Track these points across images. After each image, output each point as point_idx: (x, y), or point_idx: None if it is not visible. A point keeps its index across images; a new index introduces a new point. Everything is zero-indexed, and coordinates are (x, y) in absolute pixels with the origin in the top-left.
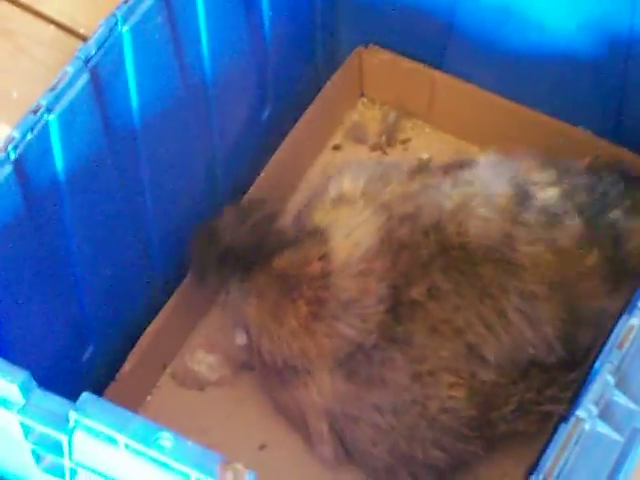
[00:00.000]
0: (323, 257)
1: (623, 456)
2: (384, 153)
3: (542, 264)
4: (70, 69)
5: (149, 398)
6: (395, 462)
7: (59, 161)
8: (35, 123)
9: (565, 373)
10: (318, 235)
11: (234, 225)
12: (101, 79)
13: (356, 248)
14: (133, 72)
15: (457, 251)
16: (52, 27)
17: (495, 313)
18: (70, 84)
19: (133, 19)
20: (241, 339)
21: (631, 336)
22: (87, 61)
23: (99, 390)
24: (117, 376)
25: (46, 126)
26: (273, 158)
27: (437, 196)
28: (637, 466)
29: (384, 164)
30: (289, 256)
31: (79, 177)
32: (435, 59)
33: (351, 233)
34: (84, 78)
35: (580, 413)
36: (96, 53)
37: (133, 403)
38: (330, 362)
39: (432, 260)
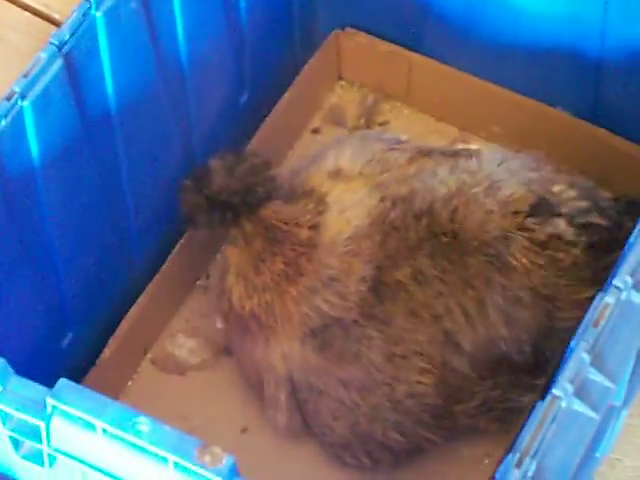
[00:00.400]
0: (314, 227)
1: (599, 433)
2: None
3: (535, 274)
4: (44, 55)
5: (130, 383)
6: (354, 439)
7: (34, 147)
8: (9, 109)
9: (532, 377)
10: (315, 198)
11: (225, 171)
12: (75, 64)
13: (347, 226)
14: (108, 57)
15: (447, 238)
16: (27, 13)
17: (475, 304)
18: (44, 70)
19: (107, 4)
20: (221, 323)
21: (606, 314)
22: (61, 47)
23: (79, 376)
24: (97, 362)
25: (20, 112)
26: (252, 142)
27: (432, 181)
28: (621, 434)
29: (385, 140)
30: (279, 207)
31: (55, 163)
32: (413, 41)
33: (345, 211)
34: (58, 64)
35: (556, 391)
36: (70, 38)
37: (114, 389)
38: (299, 331)
39: (420, 244)
